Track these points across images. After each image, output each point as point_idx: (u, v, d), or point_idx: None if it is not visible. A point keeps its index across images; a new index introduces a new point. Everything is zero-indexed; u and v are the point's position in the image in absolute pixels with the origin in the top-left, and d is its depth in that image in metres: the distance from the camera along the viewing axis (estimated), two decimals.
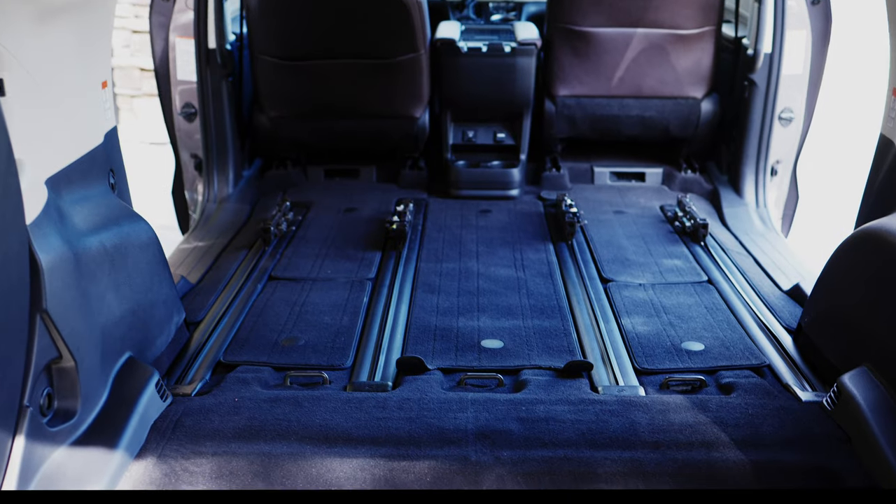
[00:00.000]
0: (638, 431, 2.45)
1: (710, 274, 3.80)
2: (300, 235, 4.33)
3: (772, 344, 3.13)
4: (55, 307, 2.23)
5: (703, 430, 2.45)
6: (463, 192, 4.96)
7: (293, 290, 3.64)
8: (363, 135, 5.11)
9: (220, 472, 2.30)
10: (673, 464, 2.31)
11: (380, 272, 3.85)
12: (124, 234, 2.74)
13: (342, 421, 2.50)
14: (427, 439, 2.42)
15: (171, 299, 3.08)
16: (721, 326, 3.25)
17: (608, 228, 4.40)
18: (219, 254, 4.15)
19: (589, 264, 3.93)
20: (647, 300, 3.51)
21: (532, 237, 4.30)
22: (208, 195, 4.85)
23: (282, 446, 2.39)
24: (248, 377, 2.82)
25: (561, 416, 2.53)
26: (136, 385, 2.54)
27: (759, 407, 2.58)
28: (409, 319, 3.34)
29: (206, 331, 3.26)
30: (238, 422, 2.51)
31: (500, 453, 2.36)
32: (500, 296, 3.57)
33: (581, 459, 2.33)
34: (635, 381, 2.87)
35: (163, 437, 2.43)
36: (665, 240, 4.25)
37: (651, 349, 3.07)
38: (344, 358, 3.03)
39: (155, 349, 2.89)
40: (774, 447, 2.38)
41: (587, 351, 3.09)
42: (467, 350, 3.08)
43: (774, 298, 3.54)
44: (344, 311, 3.41)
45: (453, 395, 2.66)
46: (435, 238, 4.28)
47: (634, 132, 5.20)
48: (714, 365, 2.95)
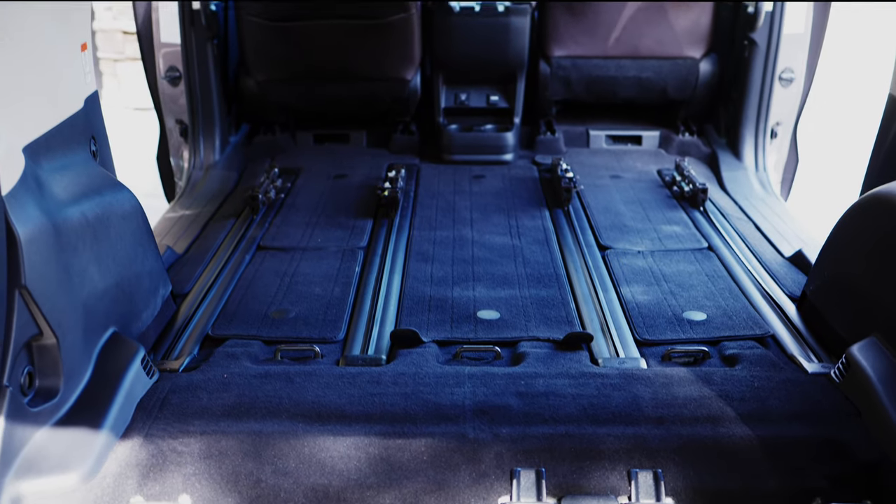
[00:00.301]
0: (641, 406, 2.37)
1: (711, 240, 3.72)
2: (289, 203, 4.23)
3: (775, 313, 3.05)
4: (34, 282, 2.12)
5: (708, 404, 2.37)
6: (455, 156, 4.85)
7: (282, 260, 3.54)
8: (353, 98, 4.99)
9: (209, 452, 2.21)
10: (678, 440, 2.23)
11: (371, 241, 3.75)
12: (107, 204, 2.63)
13: (335, 397, 2.42)
14: (423, 416, 2.34)
15: (157, 271, 2.98)
16: (723, 295, 3.17)
17: (605, 194, 4.31)
18: (206, 223, 4.04)
19: (586, 231, 3.84)
20: (646, 268, 3.42)
21: (527, 203, 4.20)
22: (194, 162, 4.73)
23: (273, 424, 2.30)
24: (237, 352, 2.73)
25: (561, 390, 2.45)
26: (121, 362, 2.44)
27: (765, 380, 2.50)
28: (403, 290, 3.25)
29: (194, 303, 3.17)
30: (227, 399, 2.42)
31: (498, 430, 2.28)
32: (496, 264, 3.48)
33: (583, 436, 2.25)
34: (636, 353, 2.79)
35: (149, 416, 2.34)
36: (663, 205, 4.16)
37: (652, 319, 2.99)
38: (336, 330, 2.94)
39: (140, 323, 2.79)
40: (782, 421, 2.30)
41: (586, 321, 3.01)
42: (463, 321, 2.99)
43: (777, 266, 3.45)
44: (335, 281, 3.32)
45: (450, 369, 2.58)
46: (428, 205, 4.18)
47: (631, 94, 5.08)
48: (717, 335, 2.87)
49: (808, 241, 3.74)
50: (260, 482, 2.15)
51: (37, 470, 2.08)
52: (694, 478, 2.15)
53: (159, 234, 3.94)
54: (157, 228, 4.02)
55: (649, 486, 2.14)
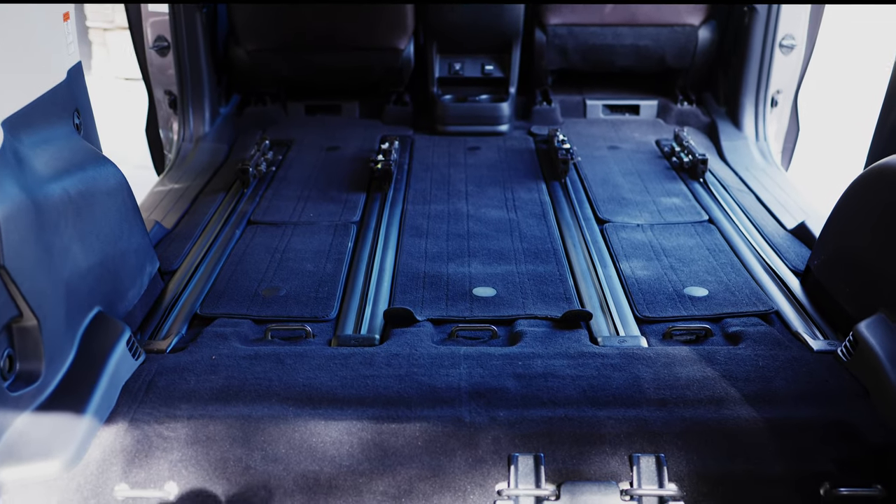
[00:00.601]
0: (642, 388, 2.30)
1: (711, 213, 3.63)
2: (280, 176, 4.13)
3: (779, 288, 2.98)
4: (14, 262, 2.04)
5: (711, 385, 2.30)
6: (450, 127, 4.75)
7: (273, 235, 3.45)
8: (345, 68, 4.87)
9: (196, 438, 2.14)
10: (681, 423, 2.16)
11: (364, 215, 3.67)
12: (90, 180, 2.54)
13: (326, 379, 2.34)
14: (418, 399, 2.26)
15: (144, 248, 2.89)
16: (724, 269, 3.09)
17: (603, 165, 4.22)
18: (195, 197, 3.95)
19: (584, 204, 3.76)
20: (645, 242, 3.34)
21: (523, 175, 4.11)
22: (184, 134, 4.62)
23: (262, 408, 2.23)
24: (226, 331, 2.65)
25: (560, 371, 2.37)
26: (105, 343, 2.37)
27: (770, 358, 2.43)
28: (397, 266, 3.17)
29: (182, 281, 3.08)
30: (215, 381, 2.34)
31: (495, 413, 2.20)
32: (492, 239, 3.39)
33: (582, 419, 2.18)
34: (637, 331, 2.72)
35: (135, 400, 2.27)
36: (662, 177, 4.07)
37: (652, 295, 2.91)
38: (328, 309, 2.86)
39: (126, 302, 2.71)
40: (788, 402, 2.23)
41: (585, 298, 2.94)
42: (458, 299, 2.91)
43: (779, 239, 3.38)
44: (327, 257, 3.23)
45: (445, 350, 2.51)
46: (422, 178, 4.09)
47: (628, 62, 4.98)
48: (719, 312, 2.79)
49: (811, 212, 3.66)
50: (249, 469, 2.09)
51: (17, 457, 2.01)
52: (697, 462, 2.09)
53: (148, 208, 3.85)
54: (146, 203, 3.93)
55: (651, 472, 2.07)
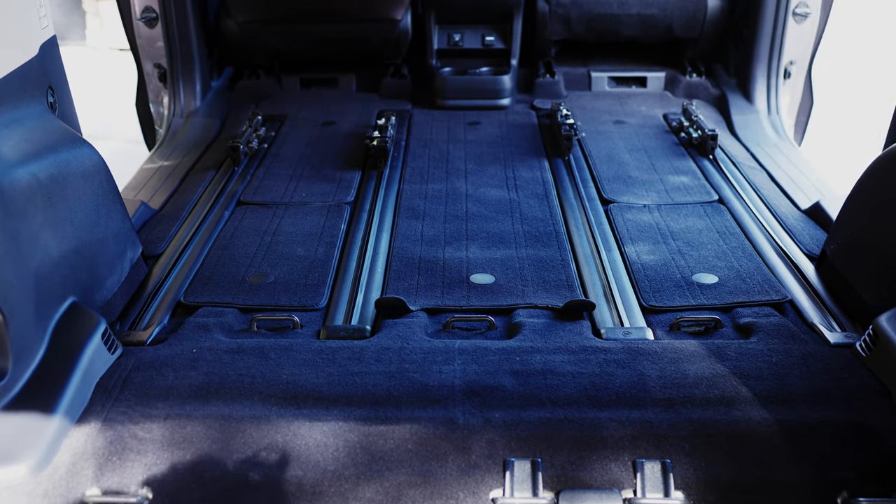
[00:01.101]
0: (647, 386, 2.16)
1: (721, 192, 3.47)
2: (273, 153, 3.98)
3: (792, 274, 2.83)
4: None
5: (721, 383, 2.16)
6: (449, 101, 4.58)
7: (264, 216, 3.31)
8: (339, 40, 4.69)
9: (173, 439, 2.01)
10: (688, 425, 2.03)
11: (359, 195, 3.52)
12: (63, 163, 2.39)
13: (312, 376, 2.21)
14: (408, 398, 2.13)
15: (124, 233, 2.75)
16: (735, 254, 2.94)
17: (608, 141, 4.05)
18: (184, 175, 3.80)
19: (588, 183, 3.60)
20: (652, 224, 3.19)
21: (525, 152, 3.95)
22: (174, 109, 4.47)
23: (243, 407, 2.10)
24: (209, 322, 2.52)
25: (560, 367, 2.24)
26: (78, 336, 2.23)
27: (784, 353, 2.29)
28: (391, 250, 3.02)
29: (167, 266, 2.95)
30: (195, 378, 2.21)
31: (490, 414, 2.07)
32: (491, 221, 3.24)
33: (583, 421, 2.04)
34: (642, 322, 2.57)
35: (109, 397, 2.14)
36: (670, 153, 3.91)
37: (659, 282, 2.77)
38: (318, 297, 2.72)
39: (104, 291, 2.57)
40: (803, 403, 2.09)
41: (588, 285, 2.79)
42: (455, 286, 2.77)
43: (793, 220, 3.22)
44: (319, 240, 3.09)
45: (438, 343, 2.37)
46: (419, 155, 3.93)
47: (634, 32, 4.79)
48: (730, 301, 2.65)
49: (826, 191, 3.50)
50: (227, 473, 1.96)
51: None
52: (706, 469, 1.95)
53: (135, 187, 3.71)
54: (134, 180, 3.79)
55: (657, 478, 1.94)
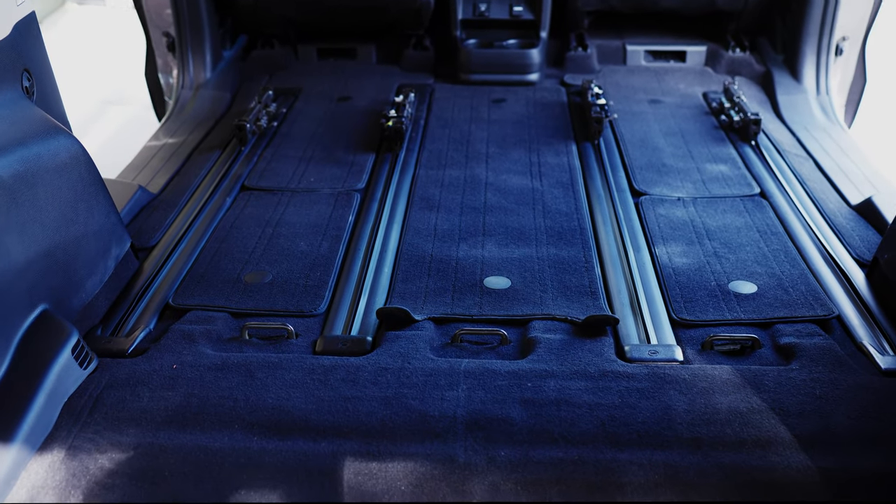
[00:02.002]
0: (674, 422, 1.92)
1: (763, 184, 3.19)
2: (283, 132, 3.74)
3: (840, 283, 2.56)
4: None
5: (757, 422, 1.91)
6: (474, 76, 4.30)
7: (268, 204, 3.09)
8: (356, 8, 4.41)
9: (143, 474, 1.81)
10: (718, 471, 1.79)
11: (371, 181, 3.27)
12: (33, 158, 2.17)
13: (301, 401, 1.99)
14: (405, 430, 1.91)
15: (108, 228, 2.54)
16: (777, 258, 2.67)
17: (642, 123, 3.77)
18: (189, 154, 3.58)
19: (618, 171, 3.32)
20: (686, 220, 2.92)
21: (552, 135, 3.67)
22: (183, 81, 4.24)
23: (222, 437, 1.89)
24: (195, 331, 2.30)
25: (576, 397, 2.00)
26: (46, 351, 2.03)
27: (829, 385, 2.03)
28: (401, 247, 2.79)
29: (159, 260, 2.74)
30: (172, 399, 2.01)
31: (495, 452, 1.84)
32: (511, 214, 2.99)
33: (599, 463, 1.81)
34: (671, 338, 2.32)
35: (76, 421, 1.94)
36: (709, 138, 3.61)
37: (691, 291, 2.51)
38: (317, 301, 2.50)
39: (84, 294, 2.37)
40: (850, 448, 1.84)
41: (613, 292, 2.54)
42: (467, 291, 2.53)
43: (842, 219, 2.93)
44: (324, 234, 2.86)
45: (442, 364, 2.14)
46: (438, 136, 3.67)
47: (674, 3, 4.47)
48: (770, 316, 2.38)
49: (880, 184, 3.21)
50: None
51: None
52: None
53: (136, 167, 3.50)
54: (136, 160, 3.58)
55: None
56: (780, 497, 1.74)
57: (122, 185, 3.14)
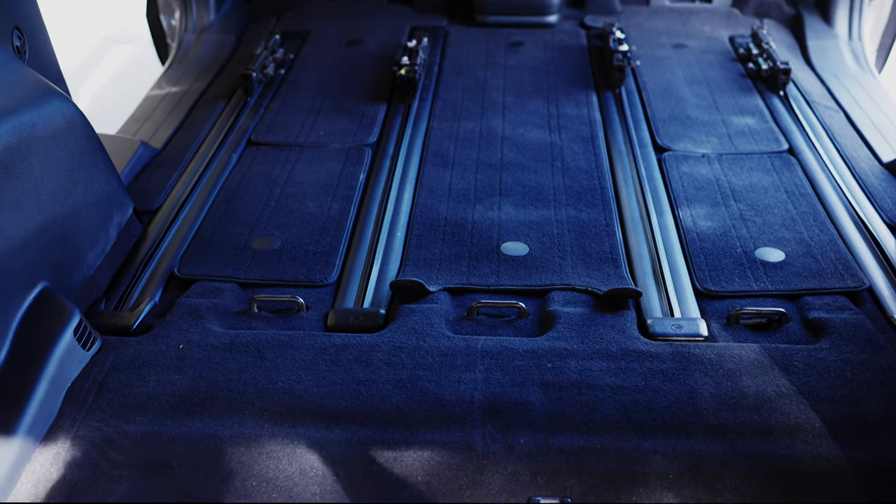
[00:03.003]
0: (699, 408, 1.84)
1: (792, 140, 3.06)
2: (291, 80, 3.61)
3: (871, 250, 2.45)
4: None
5: (784, 407, 1.83)
6: (490, 18, 4.13)
7: (275, 160, 2.98)
8: None
9: (153, 463, 1.76)
10: (745, 461, 1.72)
11: (383, 135, 3.16)
12: (26, 126, 2.06)
13: (313, 385, 1.92)
14: (420, 416, 1.84)
15: (109, 195, 2.44)
16: (806, 222, 2.56)
17: (665, 70, 3.62)
18: (193, 105, 3.47)
19: (640, 125, 3.19)
20: (711, 179, 2.81)
21: (571, 83, 3.53)
22: (186, 23, 4.09)
23: (232, 425, 1.83)
24: (202, 305, 2.22)
25: (598, 379, 1.92)
26: (47, 335, 1.95)
27: (860, 366, 1.95)
28: (414, 208, 2.69)
29: (163, 225, 2.65)
30: (180, 384, 1.94)
31: (514, 440, 1.78)
32: (529, 171, 2.88)
33: (622, 452, 1.74)
34: (695, 310, 2.23)
35: (81, 407, 1.88)
36: (735, 87, 3.47)
37: (716, 258, 2.41)
38: (328, 269, 2.41)
39: (85, 267, 2.29)
40: (881, 436, 1.77)
41: (634, 259, 2.44)
42: (483, 258, 2.44)
43: (873, 178, 2.81)
44: (335, 194, 2.76)
45: (459, 343, 2.06)
46: (453, 84, 3.54)
47: None
48: (798, 287, 2.28)
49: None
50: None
51: None
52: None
53: (139, 119, 3.39)
54: (138, 112, 3.47)
55: None
56: (807, 488, 1.68)
57: (123, 141, 3.04)
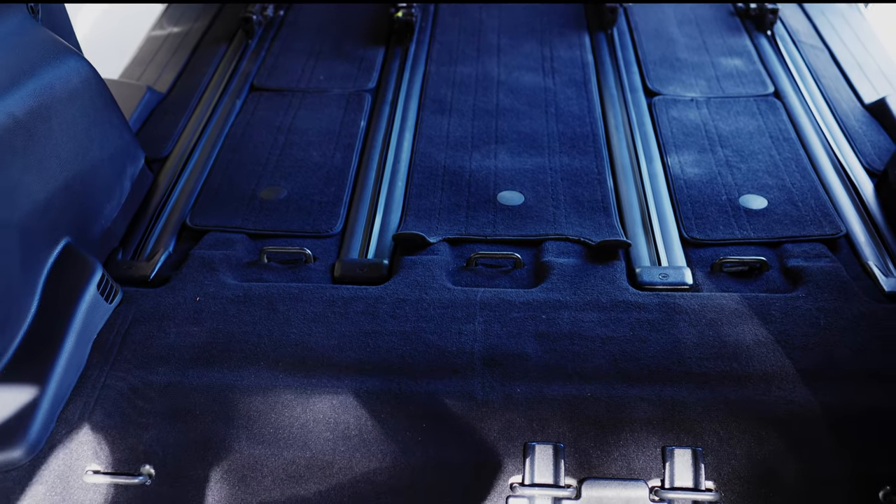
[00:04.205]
0: (682, 356, 1.99)
1: (778, 82, 3.15)
2: (290, 22, 3.66)
3: (849, 196, 2.57)
4: None
5: (762, 355, 1.98)
6: None
7: (278, 107, 3.07)
8: None
9: (176, 411, 1.91)
10: (724, 408, 1.87)
11: (381, 80, 3.24)
12: (46, 88, 2.15)
13: (323, 337, 2.06)
14: (424, 366, 1.98)
15: (122, 148, 2.54)
16: (788, 168, 2.68)
17: (657, 10, 3.67)
18: (194, 47, 3.52)
19: (631, 67, 3.27)
20: (699, 124, 2.91)
21: (565, 23, 3.59)
22: None
23: (249, 375, 1.97)
24: (215, 256, 2.35)
25: (588, 330, 2.06)
26: (73, 289, 2.08)
27: (833, 315, 2.09)
28: (414, 156, 2.79)
29: (173, 173, 2.75)
30: (198, 335, 2.08)
31: (511, 388, 1.93)
32: (524, 117, 2.98)
33: (611, 399, 1.89)
34: (682, 258, 2.37)
35: (107, 358, 2.02)
36: (724, 27, 3.53)
37: (702, 205, 2.53)
38: (333, 220, 2.53)
39: (103, 220, 2.40)
40: (850, 382, 1.92)
41: (624, 207, 2.57)
42: (481, 207, 2.56)
43: (854, 122, 2.91)
44: (337, 142, 2.86)
45: (459, 294, 2.19)
46: (449, 25, 3.60)
47: None
48: (779, 234, 2.42)
49: (895, 79, 3.17)
50: (232, 452, 1.86)
51: None
52: (741, 458, 1.81)
53: (142, 61, 3.46)
54: (140, 54, 3.53)
55: (686, 467, 1.81)
56: (782, 433, 1.83)
57: (130, 87, 3.11)
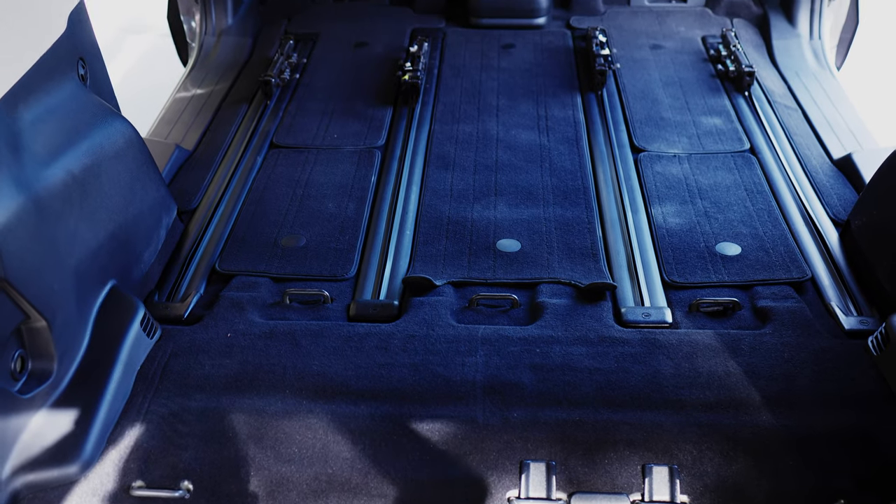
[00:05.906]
0: (661, 385, 2.24)
1: (753, 139, 3.44)
2: (305, 83, 3.97)
3: (816, 244, 2.84)
4: (16, 272, 1.98)
5: (732, 384, 2.24)
6: (483, 20, 4.49)
7: (295, 162, 3.35)
8: None
9: (211, 434, 2.16)
10: (697, 430, 2.12)
11: (390, 137, 3.53)
12: (97, 148, 2.43)
13: (341, 368, 2.32)
14: (432, 394, 2.24)
15: (159, 201, 2.82)
16: (761, 218, 2.96)
17: (643, 72, 3.98)
18: (217, 106, 3.83)
19: (619, 125, 3.57)
20: (681, 178, 3.19)
21: (558, 85, 3.90)
22: (206, 27, 4.43)
23: (276, 401, 2.23)
24: (243, 298, 2.61)
25: (578, 362, 2.32)
26: (119, 326, 2.34)
27: (797, 349, 2.35)
28: (420, 208, 3.07)
29: (202, 223, 3.02)
30: (230, 367, 2.34)
31: (509, 413, 2.18)
32: (521, 172, 3.26)
33: (597, 423, 2.15)
34: (663, 300, 2.63)
35: (150, 388, 2.28)
36: (705, 88, 3.84)
37: (682, 252, 2.80)
38: (348, 265, 2.80)
39: (143, 265, 2.67)
40: (811, 407, 2.17)
41: (612, 254, 2.83)
42: (481, 254, 2.83)
43: (823, 176, 3.20)
44: (350, 194, 3.14)
45: (462, 331, 2.45)
46: (452, 87, 3.90)
47: None
48: (750, 278, 2.68)
49: (862, 137, 3.46)
50: (262, 469, 2.10)
51: (34, 462, 2.04)
52: (712, 475, 2.06)
53: (170, 121, 3.75)
54: (167, 114, 3.83)
55: (664, 483, 2.05)
56: (748, 452, 2.08)
57: (161, 145, 3.40)
